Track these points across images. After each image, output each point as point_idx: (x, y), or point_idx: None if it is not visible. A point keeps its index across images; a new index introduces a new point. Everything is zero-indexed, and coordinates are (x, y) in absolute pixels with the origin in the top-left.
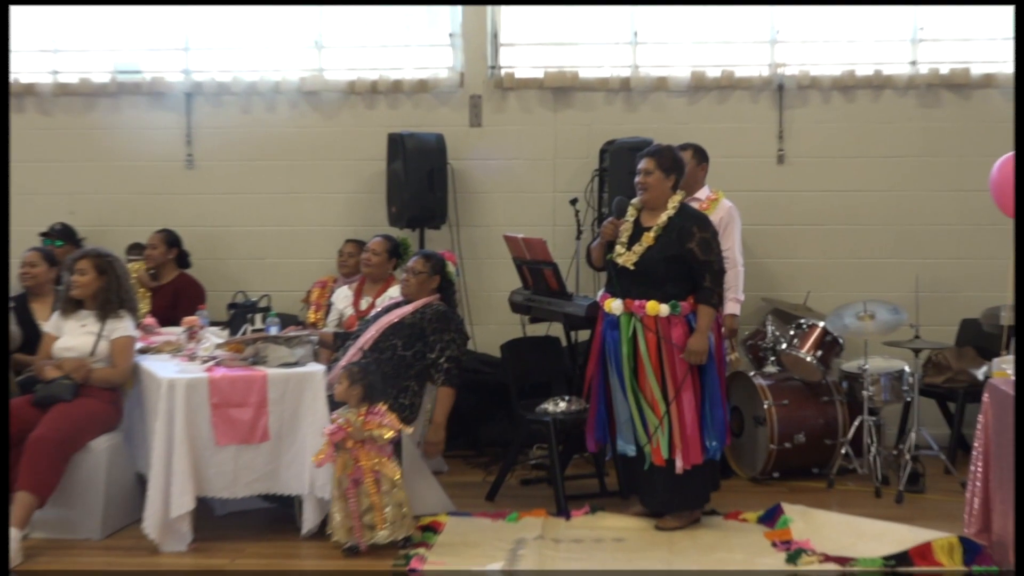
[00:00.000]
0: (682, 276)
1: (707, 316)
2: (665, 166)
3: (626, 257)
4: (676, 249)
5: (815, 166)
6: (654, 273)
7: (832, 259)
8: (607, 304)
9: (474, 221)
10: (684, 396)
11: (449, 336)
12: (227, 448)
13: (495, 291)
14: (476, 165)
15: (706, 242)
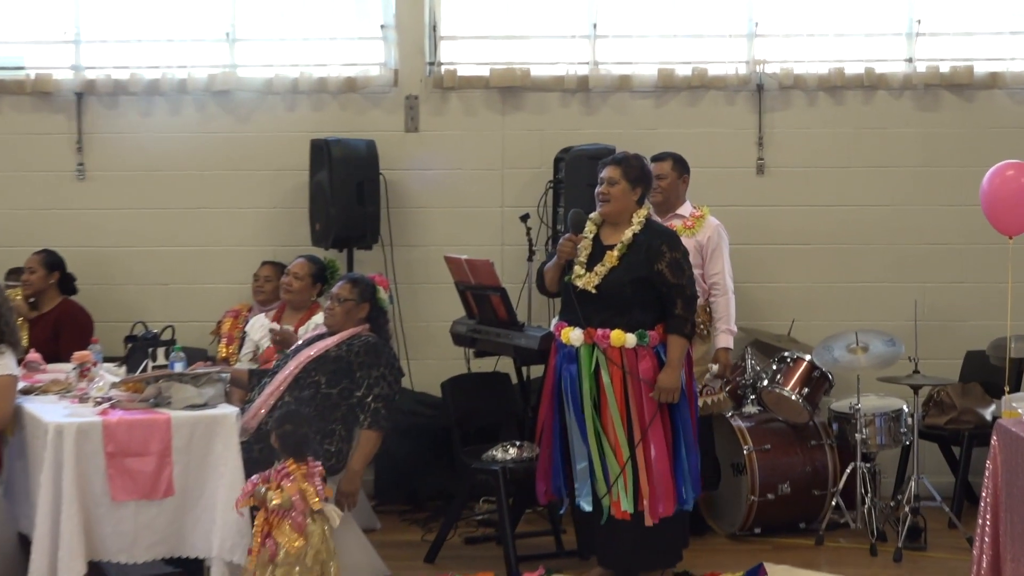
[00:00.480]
0: (650, 301)
1: (679, 348)
2: (632, 176)
3: (587, 279)
4: (644, 270)
5: (799, 177)
6: (619, 297)
7: (819, 283)
8: (564, 334)
9: (410, 240)
10: (653, 439)
11: (379, 372)
12: (125, 504)
13: (434, 321)
14: (413, 176)
15: (677, 263)
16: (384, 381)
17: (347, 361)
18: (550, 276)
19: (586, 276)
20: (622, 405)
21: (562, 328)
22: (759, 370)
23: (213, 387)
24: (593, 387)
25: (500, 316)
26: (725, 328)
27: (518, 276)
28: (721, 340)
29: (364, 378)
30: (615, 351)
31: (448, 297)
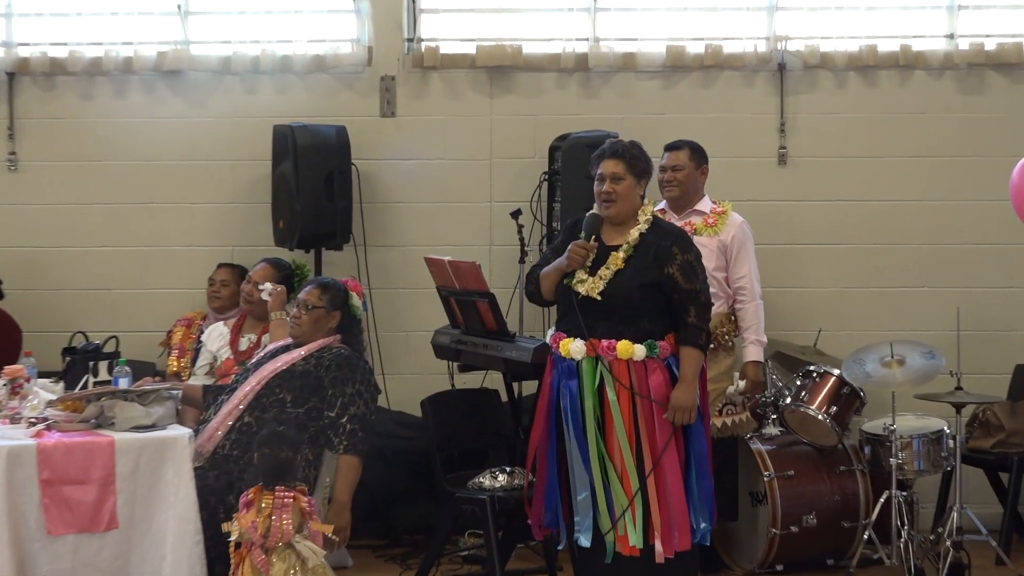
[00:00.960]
0: (659, 309)
1: (694, 361)
2: (637, 169)
3: (591, 284)
4: (653, 274)
5: (826, 168)
6: (626, 305)
7: (849, 288)
8: (563, 346)
9: (387, 240)
10: (667, 464)
11: (353, 389)
12: (63, 538)
13: (414, 330)
14: (389, 167)
15: (689, 266)
16: (360, 399)
17: (316, 377)
18: (548, 282)
19: (590, 281)
20: (630, 426)
21: (560, 339)
22: (781, 386)
23: (163, 406)
24: (597, 406)
25: (488, 325)
26: (754, 339)
27: (508, 280)
28: (750, 352)
29: (337, 396)
30: (622, 364)
31: (429, 304)
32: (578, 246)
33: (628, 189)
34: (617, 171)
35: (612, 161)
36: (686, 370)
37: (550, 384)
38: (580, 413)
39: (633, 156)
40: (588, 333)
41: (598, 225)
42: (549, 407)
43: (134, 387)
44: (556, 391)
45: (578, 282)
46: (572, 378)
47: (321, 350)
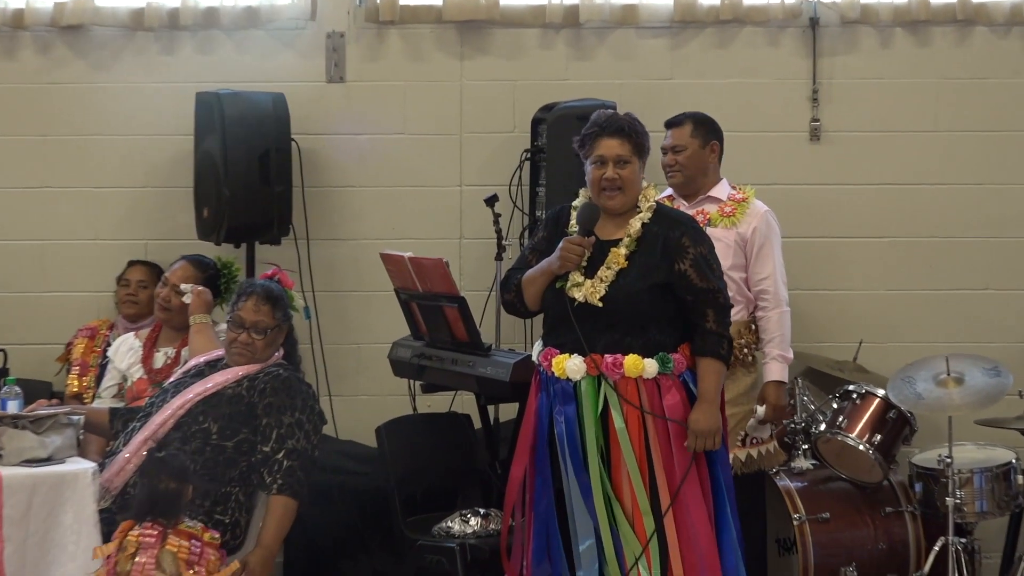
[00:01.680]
0: (670, 314)
1: (715, 375)
2: (642, 149)
3: (589, 288)
4: (663, 273)
5: (867, 145)
6: (633, 311)
7: (896, 290)
8: (557, 365)
9: (334, 231)
10: (689, 499)
11: (292, 418)
12: None
13: (367, 342)
14: (337, 144)
15: (704, 261)
16: (299, 431)
17: (248, 404)
18: (534, 289)
19: (588, 284)
20: (642, 457)
21: (553, 357)
22: (814, 410)
23: (61, 434)
24: (601, 435)
25: (457, 335)
26: (777, 353)
27: (482, 280)
28: (772, 371)
29: (272, 427)
30: (629, 384)
31: (385, 310)
32: (572, 243)
33: (635, 174)
34: (623, 153)
35: (615, 140)
36: (707, 386)
37: (536, 409)
38: (580, 444)
39: (639, 133)
40: (588, 348)
41: (595, 217)
42: (535, 436)
43: (25, 412)
44: (544, 417)
45: (573, 286)
46: (569, 403)
47: (257, 371)
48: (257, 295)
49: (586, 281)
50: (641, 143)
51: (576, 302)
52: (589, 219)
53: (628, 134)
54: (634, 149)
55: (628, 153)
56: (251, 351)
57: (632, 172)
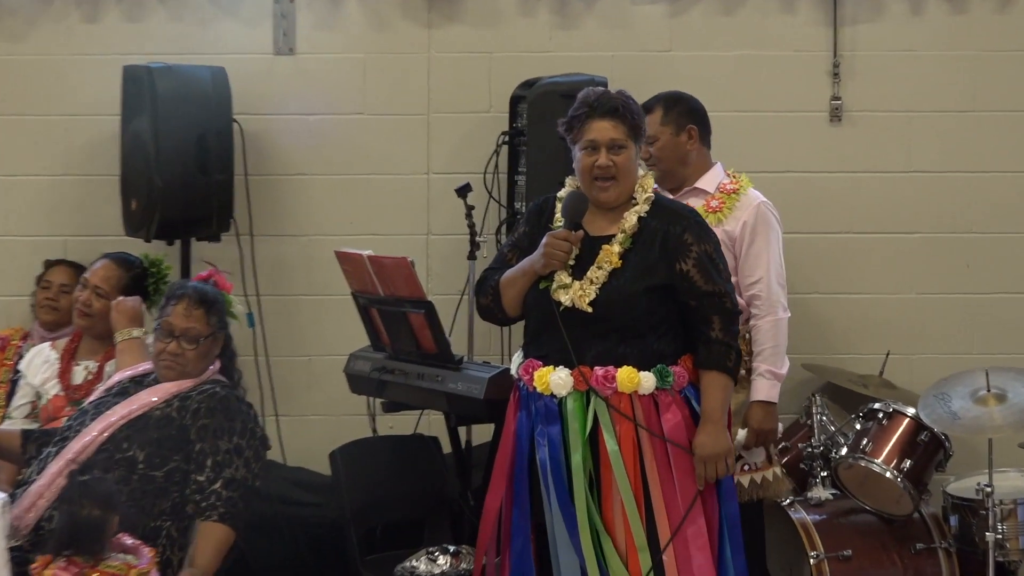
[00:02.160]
0: (671, 321)
1: (722, 391)
2: (638, 132)
3: (578, 291)
4: (662, 274)
5: (896, 127)
6: (627, 318)
7: (928, 293)
8: (540, 379)
9: (283, 227)
10: (692, 534)
11: (230, 444)
12: None
13: (320, 353)
14: (286, 125)
15: (709, 260)
16: (239, 458)
17: (180, 427)
18: (514, 291)
19: (576, 286)
20: (637, 484)
21: (535, 369)
22: (834, 431)
23: None
24: (589, 459)
25: (424, 346)
26: (766, 369)
27: (453, 282)
28: (758, 389)
29: (207, 454)
30: (623, 401)
31: (342, 316)
32: (558, 238)
33: (631, 161)
34: (617, 137)
35: (608, 123)
36: (712, 404)
37: (514, 431)
38: (565, 471)
39: (634, 114)
40: (576, 357)
41: (583, 208)
42: (513, 462)
43: None
44: (524, 440)
45: (559, 288)
46: (553, 423)
47: (191, 388)
48: (188, 298)
49: (574, 283)
50: (637, 125)
51: (562, 306)
52: (576, 210)
53: (622, 115)
54: (629, 132)
55: (623, 137)
56: (181, 363)
57: (628, 159)
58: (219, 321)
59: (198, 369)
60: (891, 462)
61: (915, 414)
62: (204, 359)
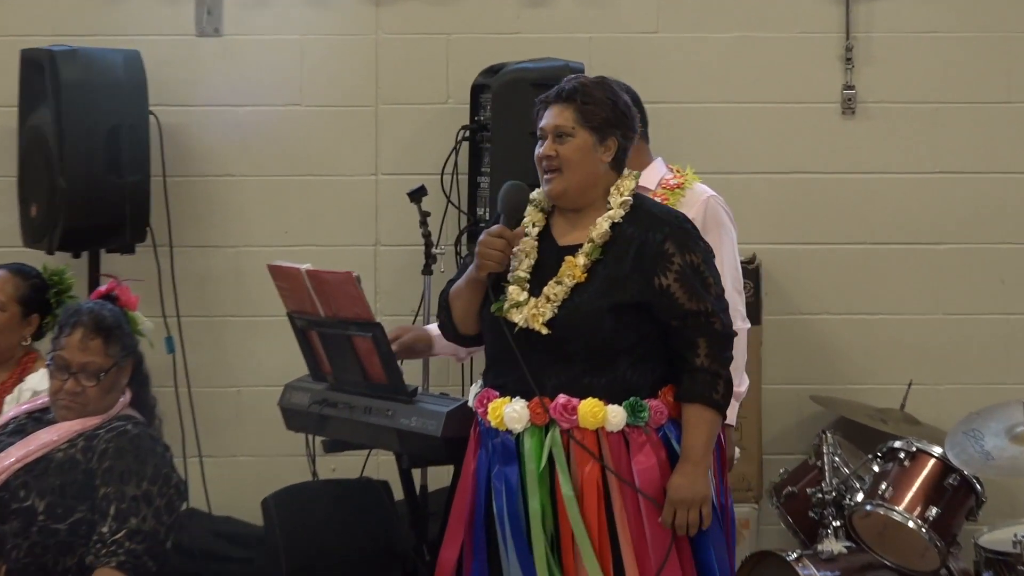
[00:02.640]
0: (648, 346)
1: (705, 426)
2: (597, 119)
3: (532, 309)
4: (634, 290)
5: (918, 121)
6: (591, 341)
7: (956, 313)
8: (494, 411)
9: (207, 236)
10: None
11: (138, 490)
12: None
13: (251, 384)
14: (211, 119)
15: (694, 273)
16: (147, 507)
17: (86, 471)
18: (461, 305)
19: (531, 304)
20: (603, 536)
21: (490, 400)
22: (848, 474)
23: None
24: (548, 505)
25: (372, 375)
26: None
27: (406, 301)
28: None
29: (111, 500)
30: (588, 438)
31: (275, 341)
32: (492, 235)
33: (581, 152)
34: (562, 123)
35: (556, 108)
36: (692, 441)
37: (474, 471)
38: (524, 518)
39: (591, 99)
40: (529, 388)
41: (522, 200)
42: (473, 510)
43: None
44: (482, 483)
45: (512, 306)
46: (510, 462)
47: (98, 426)
48: (83, 327)
49: (529, 299)
50: (593, 111)
51: (517, 327)
52: (513, 202)
53: (571, 98)
54: (580, 118)
55: (569, 123)
56: (82, 402)
57: (575, 148)
58: (123, 348)
59: (102, 406)
60: (914, 510)
61: (942, 454)
62: (109, 393)
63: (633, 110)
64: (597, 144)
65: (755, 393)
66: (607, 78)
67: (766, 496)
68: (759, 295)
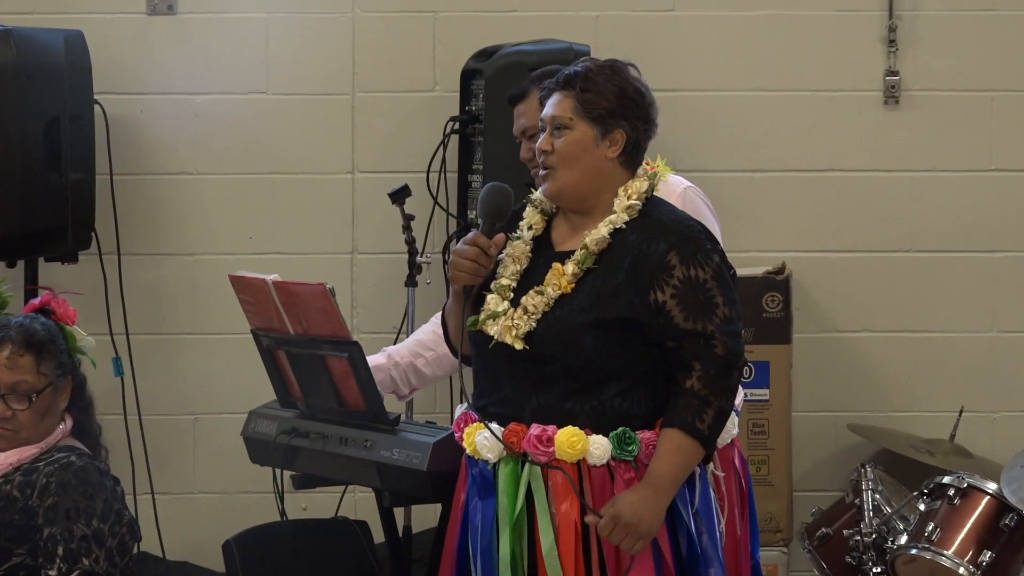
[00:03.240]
0: (641, 370)
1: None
2: (598, 109)
3: (507, 323)
4: (623, 304)
5: (969, 111)
6: (574, 360)
7: (1014, 331)
8: (468, 437)
9: (160, 243)
10: None
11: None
12: None
13: (210, 411)
14: (166, 109)
15: (698, 289)
16: (99, 548)
17: (25, 509)
18: (454, 320)
19: (507, 317)
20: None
21: (468, 423)
22: (890, 514)
23: None
24: (519, 549)
25: (348, 401)
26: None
27: (387, 316)
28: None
29: (57, 541)
30: (568, 470)
31: (238, 362)
32: (467, 243)
33: (578, 146)
34: (560, 113)
35: (556, 96)
36: (658, 466)
37: (463, 503)
38: (492, 555)
39: (591, 85)
40: (512, 411)
41: (504, 204)
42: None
43: None
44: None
45: (488, 319)
46: (488, 495)
47: (38, 458)
48: (12, 343)
49: (507, 312)
50: (593, 101)
51: (493, 342)
52: (493, 207)
53: (569, 86)
54: (579, 108)
55: (567, 113)
56: (13, 428)
57: (572, 143)
58: (58, 366)
59: (38, 432)
60: (966, 554)
61: (997, 490)
62: (44, 419)
63: (648, 97)
64: (599, 137)
65: (785, 422)
66: (619, 61)
67: (797, 539)
68: (788, 310)
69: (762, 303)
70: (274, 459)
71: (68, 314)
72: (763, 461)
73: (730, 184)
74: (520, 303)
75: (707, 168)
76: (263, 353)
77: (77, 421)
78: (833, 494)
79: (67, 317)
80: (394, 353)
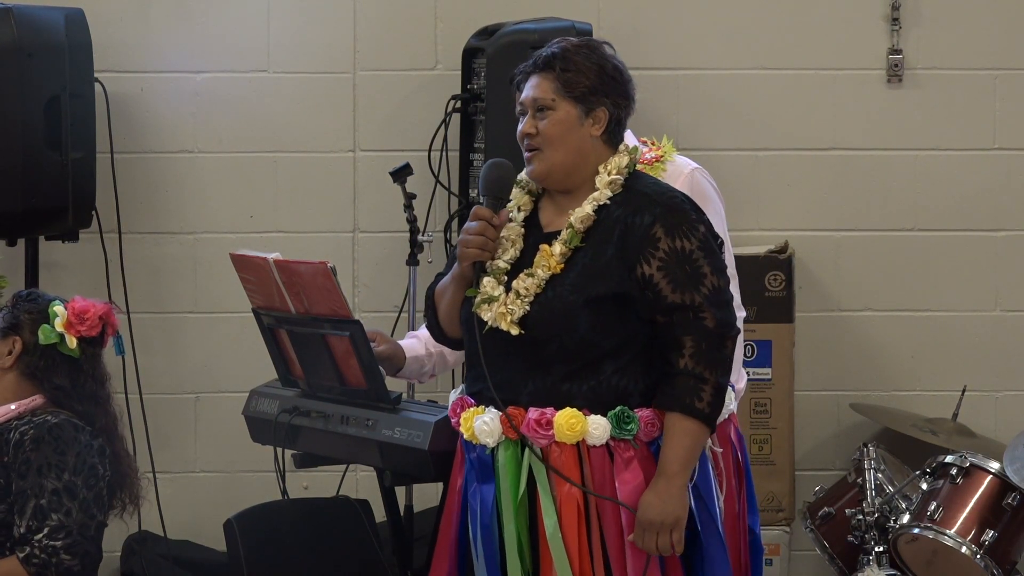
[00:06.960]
0: (637, 346)
1: (685, 439)
2: (580, 87)
3: (501, 308)
4: (614, 279)
5: (974, 90)
6: (569, 340)
7: (1017, 311)
8: (466, 421)
9: (161, 221)
10: None
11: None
12: None
13: (211, 390)
14: (165, 87)
15: (684, 260)
16: (71, 499)
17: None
18: (446, 303)
19: (503, 300)
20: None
21: (464, 409)
22: (892, 493)
23: None
24: (525, 531)
25: (350, 380)
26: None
27: (388, 295)
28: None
29: (28, 496)
30: (567, 453)
31: (239, 340)
32: (478, 217)
33: (563, 126)
34: (541, 95)
35: (536, 79)
36: (669, 454)
37: (459, 487)
38: (498, 543)
39: (572, 66)
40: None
41: (506, 178)
42: (459, 530)
43: None
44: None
45: (483, 303)
46: (487, 479)
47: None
48: None
49: (501, 296)
50: (574, 80)
51: (486, 326)
52: (495, 181)
53: (548, 67)
54: (561, 88)
55: (549, 94)
56: None
57: (557, 123)
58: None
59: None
60: (968, 533)
61: (999, 470)
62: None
63: (626, 74)
64: (583, 116)
65: (787, 401)
66: (593, 39)
67: (799, 518)
68: (791, 289)
69: (765, 282)
70: (275, 438)
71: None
72: (765, 440)
73: (733, 163)
74: (512, 287)
75: (710, 147)
76: (264, 332)
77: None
78: (835, 473)
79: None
80: (428, 342)
